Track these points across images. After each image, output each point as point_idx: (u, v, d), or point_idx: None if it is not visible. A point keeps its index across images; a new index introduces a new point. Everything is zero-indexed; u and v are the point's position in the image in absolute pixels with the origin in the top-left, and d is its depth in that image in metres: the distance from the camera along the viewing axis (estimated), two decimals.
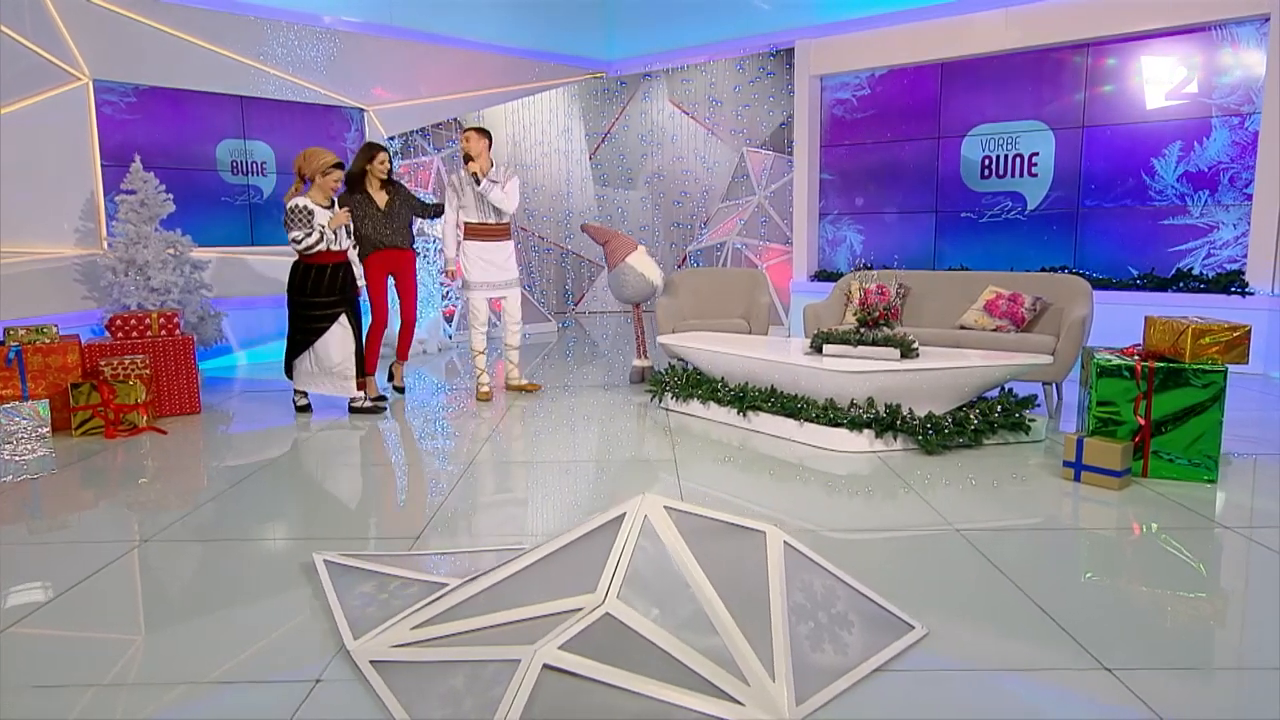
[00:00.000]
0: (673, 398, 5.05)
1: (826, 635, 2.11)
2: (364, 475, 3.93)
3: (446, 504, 3.44)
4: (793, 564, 2.19)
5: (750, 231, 9.03)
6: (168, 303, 5.77)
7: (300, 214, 4.72)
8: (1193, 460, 3.51)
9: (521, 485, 3.76)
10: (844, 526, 3.15)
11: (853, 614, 2.19)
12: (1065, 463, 3.60)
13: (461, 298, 5.55)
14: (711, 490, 3.62)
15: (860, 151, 8.10)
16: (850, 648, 2.11)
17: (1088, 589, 2.55)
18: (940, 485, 3.56)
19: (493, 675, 1.89)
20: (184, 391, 5.12)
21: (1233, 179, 6.28)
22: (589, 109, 10.40)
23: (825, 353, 4.39)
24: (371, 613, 2.38)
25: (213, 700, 1.98)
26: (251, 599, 2.55)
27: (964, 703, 1.96)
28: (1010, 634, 2.29)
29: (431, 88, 8.50)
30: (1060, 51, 6.95)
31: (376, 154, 5.28)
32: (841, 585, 2.23)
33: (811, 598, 2.16)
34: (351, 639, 2.23)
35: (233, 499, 3.54)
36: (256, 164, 7.38)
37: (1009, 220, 7.27)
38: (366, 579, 2.58)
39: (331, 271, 4.87)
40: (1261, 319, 6.02)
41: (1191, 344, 3.46)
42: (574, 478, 3.83)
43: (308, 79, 7.52)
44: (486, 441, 4.48)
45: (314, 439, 4.59)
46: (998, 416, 4.11)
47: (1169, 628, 2.30)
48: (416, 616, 2.22)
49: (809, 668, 2.01)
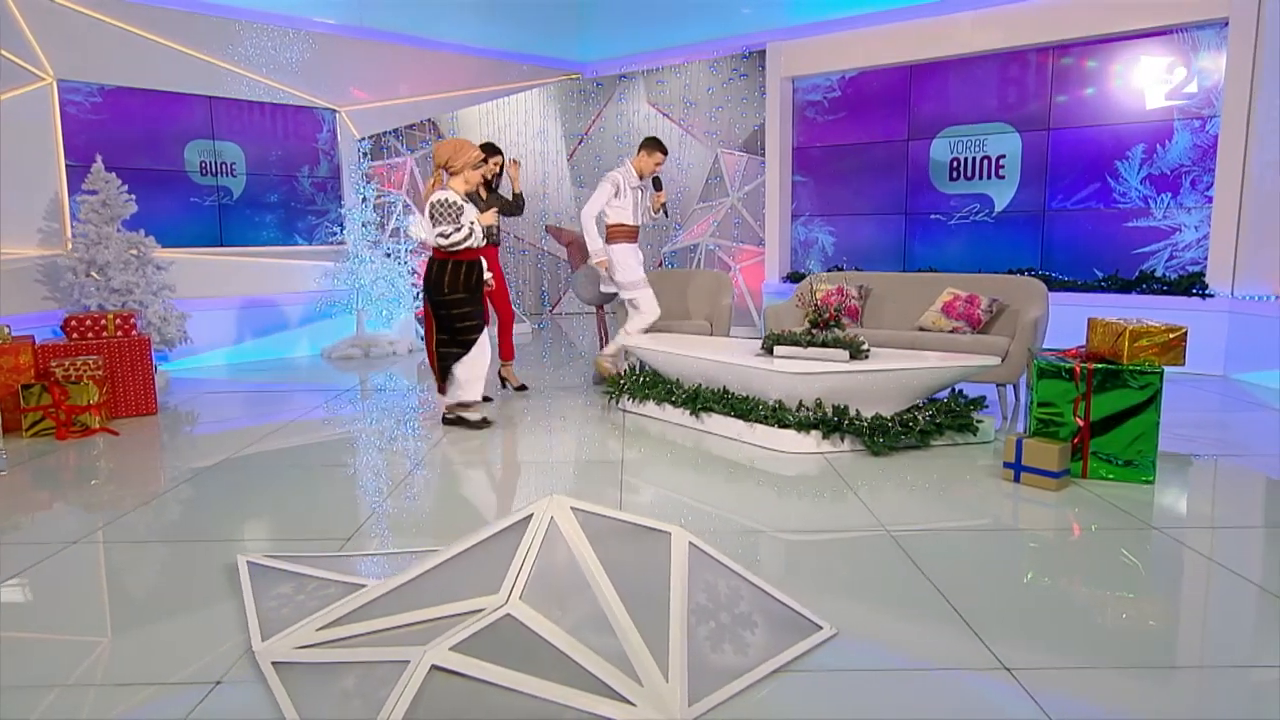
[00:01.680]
0: (630, 399, 5.05)
1: (727, 635, 2.11)
2: (310, 476, 3.92)
3: (385, 505, 3.44)
4: (697, 565, 2.20)
5: (724, 233, 9.05)
6: (129, 303, 5.76)
7: (450, 208, 4.44)
8: (1130, 461, 3.53)
9: (463, 487, 3.76)
10: (779, 527, 3.16)
11: (757, 614, 2.20)
12: (1005, 464, 3.61)
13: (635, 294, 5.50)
14: (661, 490, 3.63)
15: (832, 153, 8.12)
16: (752, 648, 2.12)
17: (1005, 589, 2.56)
18: (881, 487, 3.57)
19: (382, 676, 1.89)
20: (140, 392, 5.11)
21: (1194, 181, 6.31)
22: (566, 111, 10.41)
23: (776, 354, 4.40)
24: (286, 614, 2.37)
25: (106, 702, 1.98)
26: (170, 601, 2.55)
27: (860, 702, 1.96)
28: (920, 634, 2.30)
29: (404, 89, 8.50)
30: (1026, 54, 6.98)
31: (491, 156, 5.43)
32: (747, 586, 2.24)
33: (715, 598, 2.17)
34: (260, 640, 2.23)
35: (172, 501, 3.54)
36: (226, 165, 7.37)
37: (977, 222, 7.30)
38: (286, 580, 2.58)
39: (468, 268, 4.57)
40: (1221, 321, 6.05)
41: (1129, 346, 3.48)
42: (517, 479, 3.83)
43: (278, 80, 7.52)
44: (438, 444, 4.48)
45: (272, 439, 4.58)
46: (945, 418, 4.13)
47: (1076, 627, 2.31)
48: (324, 617, 2.22)
49: (706, 668, 2.01)
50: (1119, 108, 6.59)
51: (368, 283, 7.82)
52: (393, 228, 8.40)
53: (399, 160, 8.77)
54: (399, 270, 8.11)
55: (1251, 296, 6.00)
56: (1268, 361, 5.73)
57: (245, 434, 4.72)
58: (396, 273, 8.09)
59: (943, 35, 7.24)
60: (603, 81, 10.07)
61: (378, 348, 7.67)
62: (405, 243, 8.32)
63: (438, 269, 4.55)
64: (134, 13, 6.65)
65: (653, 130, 9.74)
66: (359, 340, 7.70)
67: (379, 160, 8.62)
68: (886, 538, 2.98)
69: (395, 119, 8.56)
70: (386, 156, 8.69)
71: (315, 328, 7.74)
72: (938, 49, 7.30)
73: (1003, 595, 2.52)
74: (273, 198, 7.71)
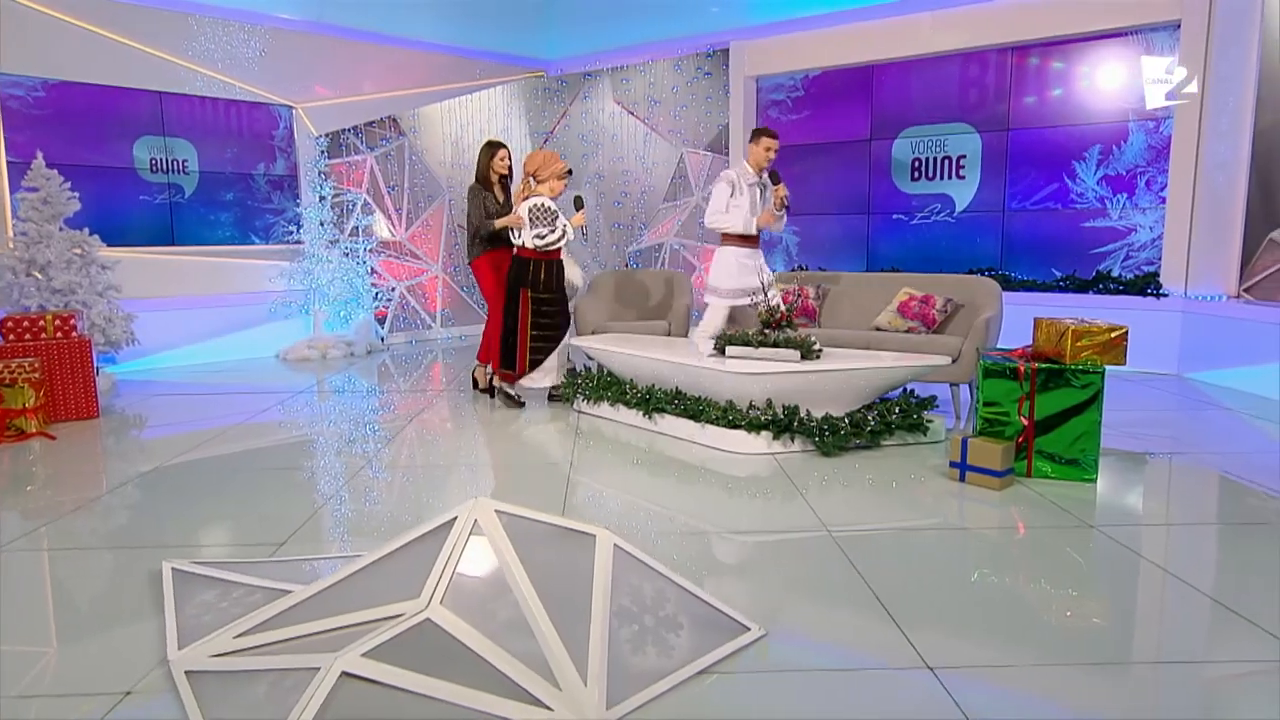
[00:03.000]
0: (584, 400, 5.05)
1: (651, 638, 2.12)
2: (251, 481, 3.87)
3: (324, 510, 3.40)
4: (622, 567, 2.20)
5: (688, 232, 9.07)
6: (71, 304, 5.65)
7: (546, 212, 5.03)
8: (1073, 460, 3.58)
9: (406, 490, 3.73)
10: (723, 528, 3.17)
11: (683, 616, 2.20)
12: (952, 463, 3.65)
13: (709, 300, 5.14)
14: (607, 491, 3.63)
15: (796, 153, 8.17)
16: (676, 650, 2.12)
17: (938, 588, 2.59)
18: (827, 487, 3.60)
19: (293, 684, 1.87)
20: (80, 395, 5.01)
21: (1149, 182, 6.43)
22: (530, 109, 10.37)
23: (728, 354, 4.41)
24: (206, 621, 2.34)
25: (5, 713, 1.93)
26: (91, 609, 2.51)
27: (780, 703, 1.97)
28: (848, 635, 2.32)
29: (364, 86, 8.43)
30: (985, 55, 7.07)
31: (496, 151, 5.44)
32: (673, 588, 2.24)
33: (639, 601, 2.17)
34: (176, 648, 2.19)
35: (105, 507, 3.48)
36: (178, 162, 7.27)
37: (939, 222, 7.38)
38: (211, 587, 2.55)
39: (548, 266, 5.13)
40: (1175, 320, 6.17)
41: (1071, 345, 3.54)
42: (462, 482, 3.81)
43: (233, 75, 7.42)
44: (387, 444, 4.45)
45: (217, 442, 4.52)
46: (896, 418, 4.16)
47: (1003, 625, 2.34)
48: (243, 624, 2.19)
49: (627, 670, 2.02)
50: (1076, 109, 6.70)
51: (325, 283, 7.75)
52: (352, 227, 8.32)
53: (359, 158, 8.69)
54: (358, 270, 8.04)
55: (1204, 296, 6.12)
56: (1220, 360, 5.86)
57: (190, 438, 4.65)
58: (355, 273, 8.02)
59: (903, 35, 7.32)
60: (567, 80, 10.05)
61: (335, 349, 7.60)
62: (365, 242, 8.25)
63: (535, 268, 5.11)
64: (80, 5, 6.53)
65: (618, 129, 9.75)
66: (315, 342, 7.62)
67: (338, 158, 8.53)
68: (828, 538, 3.00)
69: (355, 116, 8.48)
70: (346, 154, 8.61)
71: (271, 329, 7.65)
72: (898, 49, 7.37)
73: (934, 594, 2.55)
74: (227, 196, 7.61)
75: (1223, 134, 6.02)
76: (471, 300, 9.56)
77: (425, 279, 9.07)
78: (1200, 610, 2.44)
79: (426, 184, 9.33)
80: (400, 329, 8.65)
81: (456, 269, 9.62)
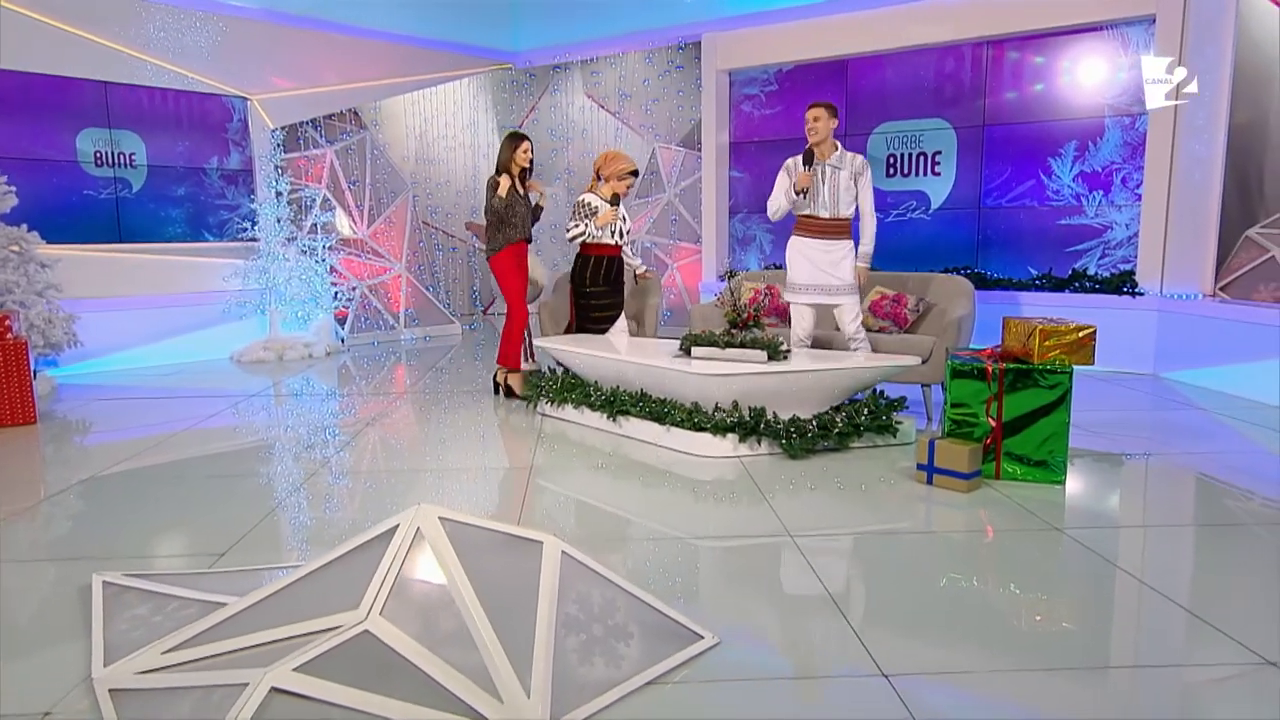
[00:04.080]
0: (548, 403, 5.04)
1: (599, 648, 2.11)
2: (194, 488, 3.82)
3: (270, 518, 3.36)
4: (570, 575, 2.19)
5: (660, 230, 9.08)
6: (8, 304, 5.55)
7: (583, 208, 5.28)
8: (1042, 461, 3.62)
9: (357, 497, 3.70)
10: (684, 533, 3.17)
11: (633, 625, 2.20)
12: (919, 466, 3.68)
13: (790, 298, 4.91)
14: (567, 496, 3.62)
15: (770, 149, 8.20)
16: (625, 660, 2.12)
17: (897, 594, 2.61)
18: (792, 491, 3.62)
19: (220, 700, 1.85)
20: (16, 400, 4.92)
21: (1125, 179, 6.53)
22: (498, 102, 10.35)
23: (694, 355, 4.42)
24: (136, 637, 2.31)
25: None
26: (15, 625, 2.46)
27: (730, 713, 1.98)
28: (806, 642, 2.34)
29: (323, 77, 8.35)
30: (960, 49, 7.15)
31: (520, 143, 5.41)
32: (623, 596, 2.24)
33: (587, 609, 2.17)
34: (101, 666, 2.16)
35: (36, 517, 3.41)
36: (124, 155, 7.16)
37: (914, 220, 7.45)
38: (143, 600, 2.51)
39: (607, 263, 5.34)
40: (1151, 319, 6.27)
41: (1039, 345, 3.58)
42: (416, 488, 3.79)
43: (184, 65, 7.32)
44: (342, 449, 4.41)
45: (161, 449, 4.45)
46: (864, 419, 4.19)
47: (960, 631, 2.36)
48: (171, 639, 2.16)
49: (573, 681, 2.01)
50: (1052, 104, 6.79)
51: (281, 282, 7.66)
52: (311, 223, 8.24)
53: (318, 152, 8.62)
54: (316, 269, 7.97)
55: (1180, 295, 6.23)
56: (1196, 360, 5.95)
57: (133, 444, 4.58)
58: (314, 271, 7.95)
59: (878, 28, 7.37)
60: (536, 72, 10.03)
61: (292, 351, 7.52)
62: (324, 239, 8.17)
63: (580, 263, 5.38)
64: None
65: (589, 123, 9.75)
66: (271, 343, 7.54)
67: (296, 152, 8.46)
68: (790, 543, 3.01)
69: (313, 108, 8.41)
70: (305, 148, 8.54)
71: (224, 330, 7.55)
72: (873, 42, 7.43)
73: (894, 600, 2.57)
74: (178, 191, 7.51)
75: (1199, 130, 6.13)
76: (437, 300, 9.51)
77: (388, 278, 9.01)
78: (1164, 614, 2.48)
79: (389, 179, 9.27)
80: (362, 330, 8.58)
81: (421, 268, 9.57)
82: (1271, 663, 2.15)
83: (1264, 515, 3.29)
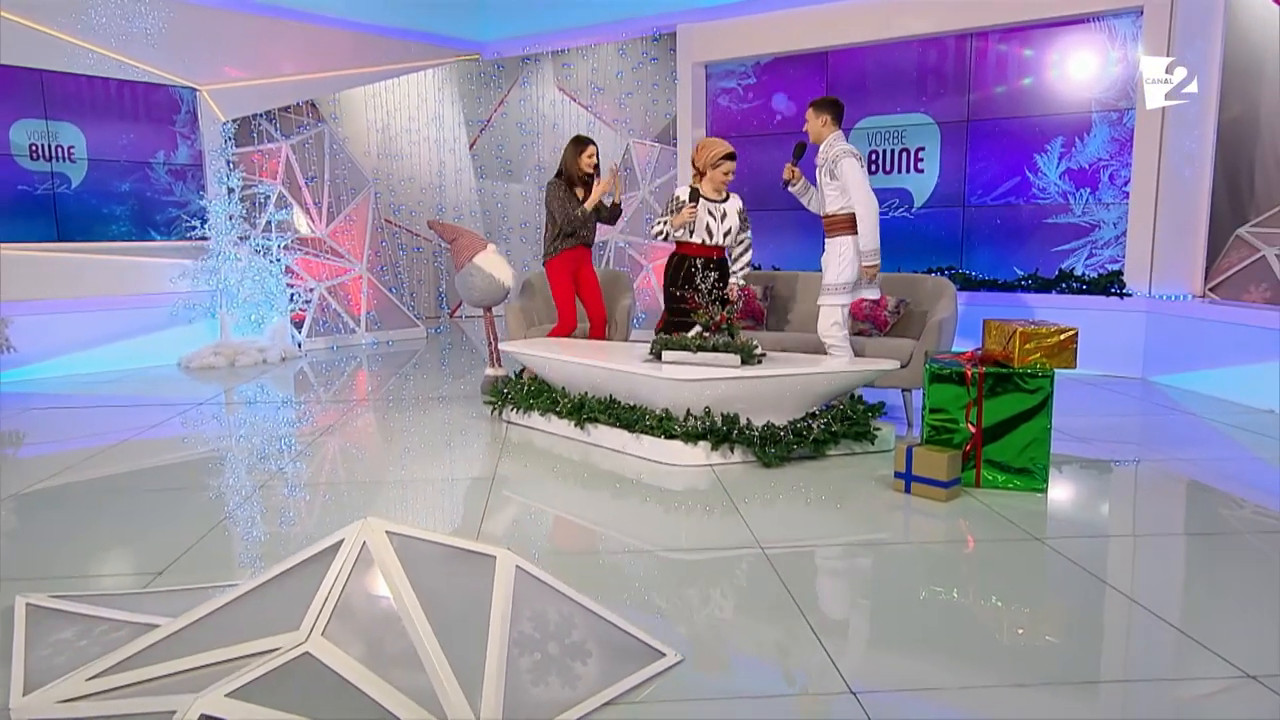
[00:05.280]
0: (514, 410, 5.02)
1: (555, 667, 2.11)
2: (133, 503, 3.76)
3: (214, 534, 3.32)
4: (525, 591, 2.19)
5: (634, 228, 9.09)
6: None
7: (670, 203, 5.07)
8: (1023, 469, 3.66)
9: (308, 511, 3.67)
10: (649, 546, 3.17)
11: (591, 643, 2.20)
12: (896, 474, 3.71)
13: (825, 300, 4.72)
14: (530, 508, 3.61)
15: (747, 145, 8.23)
16: (582, 680, 2.11)
17: (870, 608, 2.63)
18: (765, 501, 3.63)
19: None
20: None
21: (1112, 176, 6.63)
22: (465, 94, 10.32)
23: (664, 360, 4.43)
24: (60, 663, 2.27)
25: None
26: None
27: None
28: (773, 658, 2.34)
29: (278, 67, 8.29)
30: (944, 41, 7.23)
31: (585, 147, 5.50)
32: (581, 612, 2.24)
33: (542, 627, 2.16)
34: (20, 695, 2.12)
35: None
36: (63, 149, 7.06)
37: (897, 219, 7.51)
38: (70, 623, 2.47)
39: (689, 263, 4.98)
40: (1139, 321, 6.36)
41: (1019, 348, 3.62)
42: (372, 500, 3.76)
43: (128, 53, 7.23)
44: (297, 460, 4.37)
45: (99, 461, 4.38)
46: (841, 426, 4.22)
47: (934, 647, 2.38)
48: (97, 665, 2.13)
49: (526, 703, 2.00)
50: (1038, 99, 6.88)
51: (233, 283, 7.59)
52: (265, 221, 8.16)
53: (273, 146, 8.55)
54: (271, 270, 7.90)
55: (1169, 296, 6.32)
56: (1185, 363, 6.04)
57: (69, 456, 4.51)
58: (269, 272, 7.88)
59: (859, 20, 7.44)
60: (504, 63, 10.02)
61: (245, 356, 7.45)
62: (279, 238, 8.10)
63: (669, 260, 5.21)
64: None
65: (560, 117, 9.75)
66: (223, 348, 7.46)
67: (250, 146, 8.38)
68: (760, 556, 3.02)
69: (268, 100, 8.34)
70: (259, 141, 8.46)
71: (172, 334, 7.46)
72: (854, 34, 7.49)
73: (865, 614, 2.58)
74: (122, 186, 7.42)
75: (1188, 125, 6.23)
76: (401, 303, 9.46)
77: (348, 279, 8.94)
78: (1147, 627, 2.51)
79: (350, 175, 9.22)
80: (320, 334, 8.50)
81: (384, 268, 9.51)
82: (1253, 676, 2.19)
83: (1255, 523, 3.35)
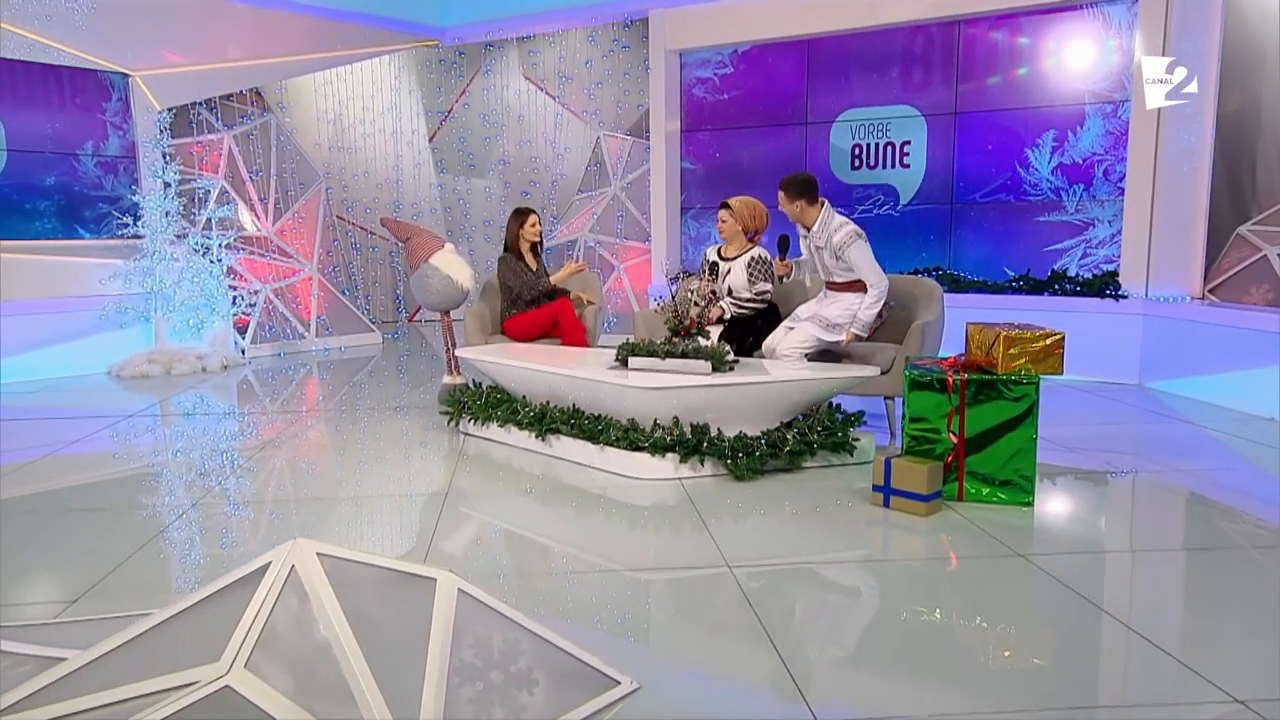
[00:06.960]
0: (471, 421, 5.00)
1: (498, 698, 2.09)
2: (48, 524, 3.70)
3: (136, 558, 3.27)
4: (468, 616, 2.17)
5: (605, 227, 9.10)
6: None
7: (764, 265, 5.21)
8: (1008, 481, 3.69)
9: (242, 531, 3.63)
10: (612, 565, 3.16)
11: (539, 671, 2.19)
12: (874, 487, 3.73)
13: None
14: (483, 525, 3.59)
15: (725, 138, 8.29)
16: (528, 710, 2.10)
17: (840, 631, 2.64)
18: (737, 516, 3.64)
19: None
20: None
21: (1107, 172, 6.72)
22: (424, 83, 10.30)
23: (631, 366, 4.43)
24: None
25: None
26: None
27: None
28: (736, 683, 2.35)
29: (220, 51, 8.22)
30: (930, 29, 7.31)
31: (526, 217, 5.81)
32: (529, 638, 2.23)
33: (486, 655, 2.15)
34: None
35: None
36: None
37: (882, 216, 7.57)
38: None
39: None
40: (1135, 324, 6.44)
41: (1002, 353, 3.65)
42: (312, 519, 3.73)
43: (50, 35, 7.14)
44: (235, 476, 4.32)
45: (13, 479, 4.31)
46: (818, 436, 4.24)
47: (904, 671, 2.39)
48: None
49: None
50: (1029, 91, 6.97)
51: (170, 285, 7.51)
52: (206, 218, 8.08)
53: (214, 137, 8.48)
54: (211, 270, 7.82)
55: (1167, 298, 6.41)
56: (1183, 368, 6.11)
57: None
58: (209, 273, 7.80)
59: (842, 6, 7.50)
60: (466, 50, 10.01)
61: (182, 364, 7.36)
62: (221, 237, 8.02)
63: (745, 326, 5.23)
64: None
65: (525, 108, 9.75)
66: (157, 355, 7.37)
67: (189, 137, 8.31)
68: (728, 575, 3.02)
69: (208, 87, 8.28)
70: (198, 132, 8.39)
71: (102, 340, 7.36)
72: (837, 21, 7.54)
73: (836, 637, 2.59)
74: (46, 180, 7.34)
75: (1186, 119, 6.31)
76: (354, 306, 9.39)
77: (297, 280, 8.87)
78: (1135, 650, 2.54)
79: (299, 169, 9.16)
80: (265, 339, 8.42)
81: (336, 269, 9.46)
82: (1242, 702, 2.21)
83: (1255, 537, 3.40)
